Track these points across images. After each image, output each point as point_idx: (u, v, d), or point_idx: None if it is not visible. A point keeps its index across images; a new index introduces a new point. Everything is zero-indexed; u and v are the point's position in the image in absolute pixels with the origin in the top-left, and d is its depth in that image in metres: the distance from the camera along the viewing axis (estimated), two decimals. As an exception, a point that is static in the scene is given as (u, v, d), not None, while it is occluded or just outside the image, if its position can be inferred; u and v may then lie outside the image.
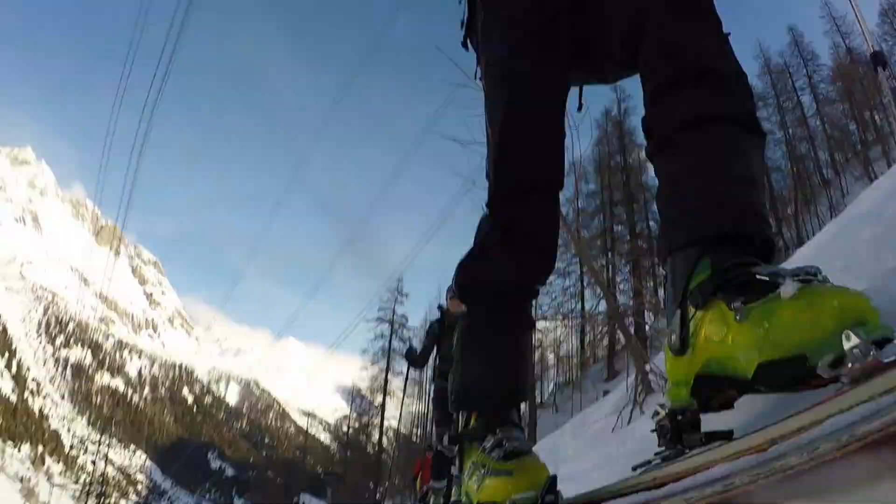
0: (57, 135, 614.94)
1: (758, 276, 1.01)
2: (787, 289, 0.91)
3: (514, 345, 1.75)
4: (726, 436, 1.20)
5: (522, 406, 1.89)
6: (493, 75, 1.70)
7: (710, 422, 1.50)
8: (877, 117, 31.95)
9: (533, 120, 1.61)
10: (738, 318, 0.98)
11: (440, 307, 6.22)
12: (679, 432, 1.33)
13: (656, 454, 1.46)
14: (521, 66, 1.61)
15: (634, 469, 1.58)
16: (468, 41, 1.92)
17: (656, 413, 1.59)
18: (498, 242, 1.67)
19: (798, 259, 4.04)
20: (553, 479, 1.41)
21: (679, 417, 1.36)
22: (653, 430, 1.56)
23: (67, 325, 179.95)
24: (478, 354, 1.73)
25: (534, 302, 1.93)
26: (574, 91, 1.82)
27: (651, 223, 32.74)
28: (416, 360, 6.44)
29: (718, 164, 1.17)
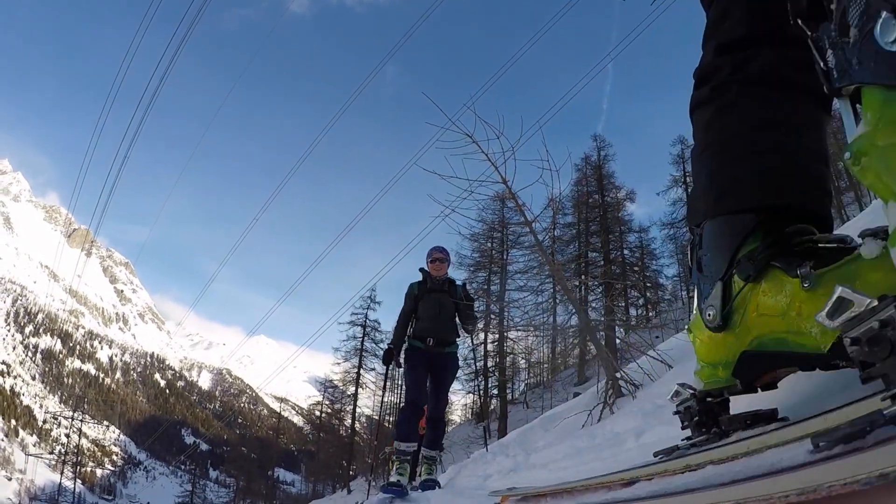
0: (36, 151, 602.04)
1: (821, 245, 0.91)
2: (870, 248, 0.80)
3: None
4: (773, 416, 1.11)
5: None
6: None
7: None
8: (850, 167, 36.26)
9: None
10: (806, 285, 0.86)
11: (422, 270, 5.98)
12: (712, 415, 1.24)
13: (685, 440, 1.36)
14: None
15: (656, 455, 1.48)
16: None
17: (676, 394, 1.49)
18: None
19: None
20: None
21: (709, 399, 1.27)
22: (675, 413, 1.47)
23: (36, 315, 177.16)
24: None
25: None
26: None
27: (625, 251, 33.93)
28: (396, 330, 6.07)
29: (793, 130, 1.05)
